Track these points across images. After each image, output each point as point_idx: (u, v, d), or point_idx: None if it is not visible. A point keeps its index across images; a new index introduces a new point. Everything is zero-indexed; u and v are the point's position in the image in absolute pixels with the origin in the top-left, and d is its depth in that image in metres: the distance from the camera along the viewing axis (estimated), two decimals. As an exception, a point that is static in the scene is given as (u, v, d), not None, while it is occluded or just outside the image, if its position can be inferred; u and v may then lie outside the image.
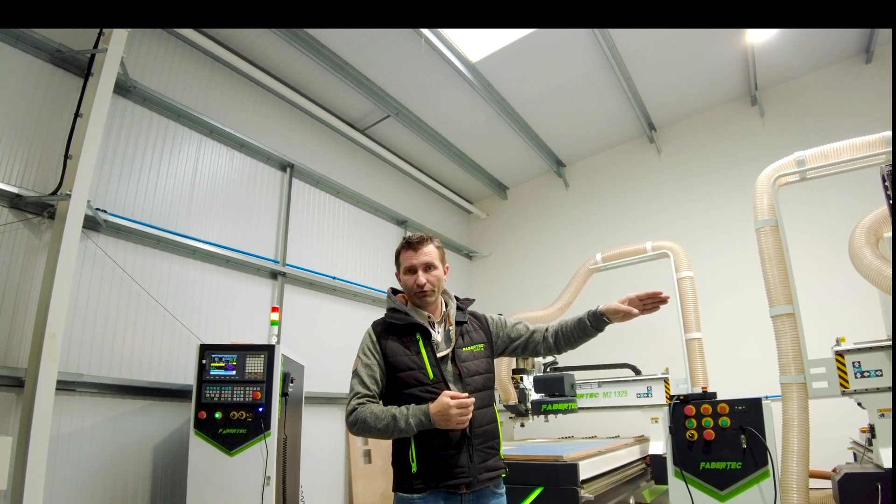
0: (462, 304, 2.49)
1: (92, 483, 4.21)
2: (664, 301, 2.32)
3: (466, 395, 2.10)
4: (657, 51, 6.66)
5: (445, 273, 2.45)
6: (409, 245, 2.37)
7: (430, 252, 2.37)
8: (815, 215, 6.68)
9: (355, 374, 2.28)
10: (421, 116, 7.79)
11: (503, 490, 2.32)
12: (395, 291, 2.50)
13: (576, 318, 2.44)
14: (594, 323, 2.37)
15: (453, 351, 2.33)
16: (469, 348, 2.38)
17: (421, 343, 2.30)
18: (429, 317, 2.38)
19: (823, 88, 7.18)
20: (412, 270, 2.34)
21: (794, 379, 4.08)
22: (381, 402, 2.26)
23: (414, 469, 2.13)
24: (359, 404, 2.19)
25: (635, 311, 2.31)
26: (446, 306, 2.46)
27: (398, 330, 2.35)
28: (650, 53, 6.70)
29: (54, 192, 4.08)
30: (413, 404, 2.14)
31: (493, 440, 2.28)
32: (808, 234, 6.42)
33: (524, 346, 2.51)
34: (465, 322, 2.44)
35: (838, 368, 3.95)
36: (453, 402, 2.05)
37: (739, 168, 7.35)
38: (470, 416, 2.10)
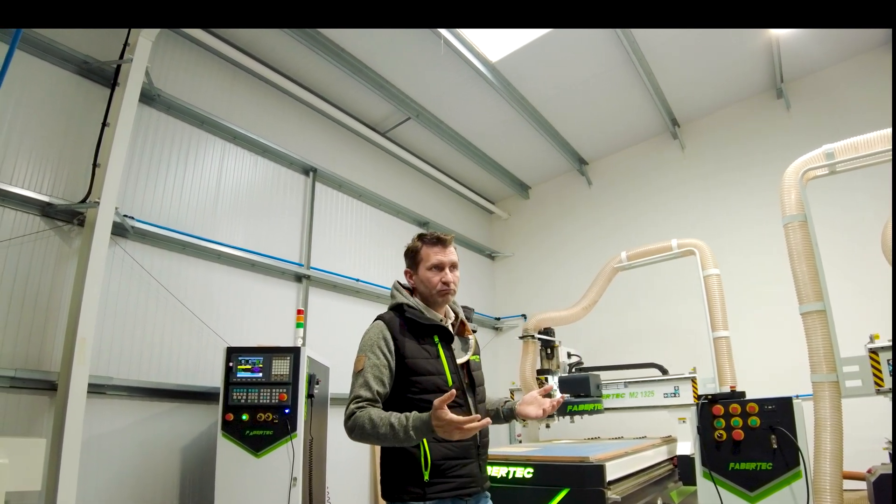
0: (468, 313, 2.43)
1: (122, 483, 4.30)
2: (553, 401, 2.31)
3: (480, 417, 1.85)
4: (679, 45, 6.56)
5: None
6: (439, 241, 2.30)
7: (455, 252, 2.35)
8: (845, 209, 6.50)
9: (359, 374, 2.07)
10: (441, 118, 7.79)
11: (488, 493, 2.31)
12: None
13: (494, 403, 2.47)
14: (506, 415, 2.43)
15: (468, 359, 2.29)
16: (474, 358, 2.35)
17: (440, 347, 2.21)
18: (441, 320, 2.28)
19: (851, 79, 6.97)
20: (440, 267, 2.26)
21: (825, 378, 3.98)
22: (381, 405, 2.06)
23: (426, 478, 2.02)
24: (357, 408, 2.00)
25: (538, 413, 2.29)
26: (454, 312, 2.39)
27: (416, 329, 2.20)
28: (672, 48, 6.59)
29: (83, 200, 4.19)
30: (415, 412, 1.94)
31: (488, 449, 2.28)
32: (838, 229, 6.25)
33: None
34: (476, 331, 2.43)
35: (872, 366, 3.84)
36: (467, 427, 1.79)
37: (766, 162, 7.19)
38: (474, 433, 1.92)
